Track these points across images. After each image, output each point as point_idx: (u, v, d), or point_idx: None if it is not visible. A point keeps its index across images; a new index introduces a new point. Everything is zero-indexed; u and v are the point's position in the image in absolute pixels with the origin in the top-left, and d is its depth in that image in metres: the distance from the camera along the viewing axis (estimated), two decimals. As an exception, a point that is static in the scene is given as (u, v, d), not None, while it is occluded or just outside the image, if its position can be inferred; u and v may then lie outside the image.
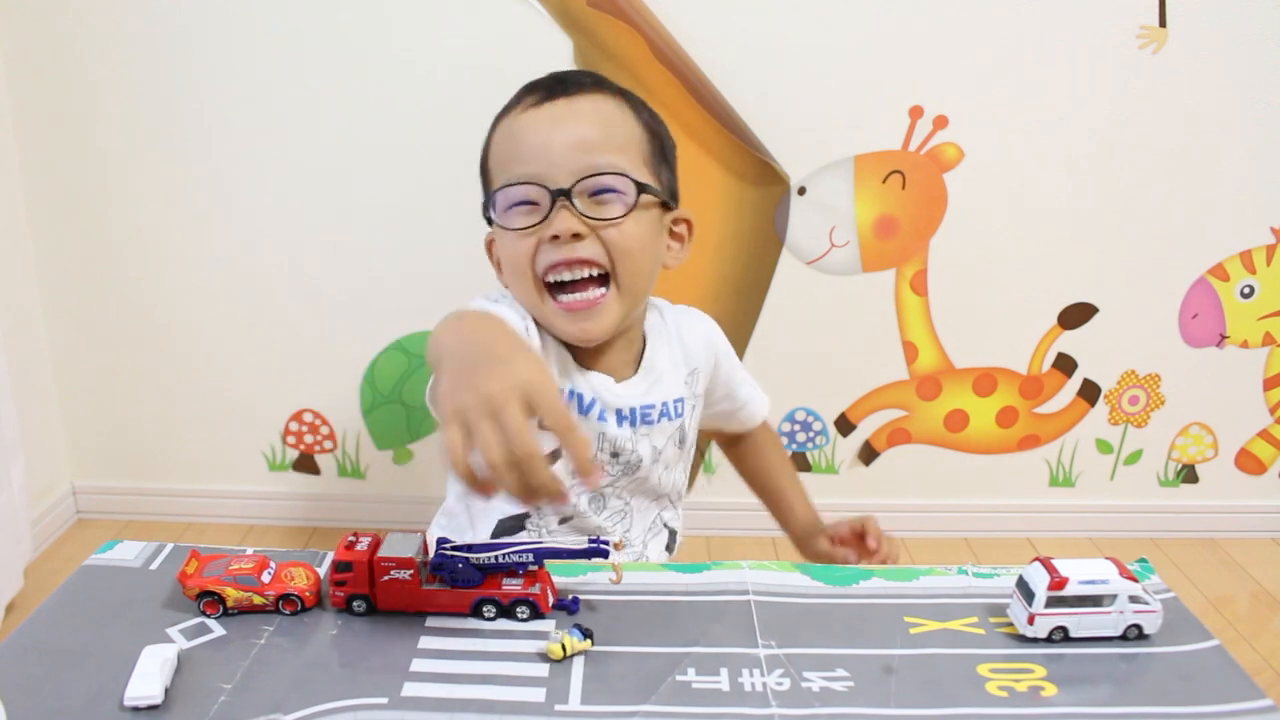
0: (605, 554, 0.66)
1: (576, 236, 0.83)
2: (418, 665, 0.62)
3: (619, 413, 0.91)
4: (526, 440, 0.58)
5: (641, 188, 0.85)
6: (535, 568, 0.68)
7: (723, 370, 1.04)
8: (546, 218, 0.83)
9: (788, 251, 1.85)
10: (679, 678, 0.61)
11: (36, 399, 1.90)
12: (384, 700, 0.58)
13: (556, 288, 0.86)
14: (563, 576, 0.72)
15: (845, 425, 1.99)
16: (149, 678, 0.57)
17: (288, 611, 0.66)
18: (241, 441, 1.99)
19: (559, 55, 1.68)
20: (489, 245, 0.94)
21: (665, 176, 0.91)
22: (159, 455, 2.01)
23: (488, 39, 1.69)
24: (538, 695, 0.59)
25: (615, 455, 0.92)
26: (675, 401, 0.95)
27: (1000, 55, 1.72)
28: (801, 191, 1.80)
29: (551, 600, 0.68)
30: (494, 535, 0.93)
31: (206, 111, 1.76)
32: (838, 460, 2.02)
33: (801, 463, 2.02)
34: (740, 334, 1.88)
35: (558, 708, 0.58)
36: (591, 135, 0.84)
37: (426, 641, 0.64)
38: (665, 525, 1.01)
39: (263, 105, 1.75)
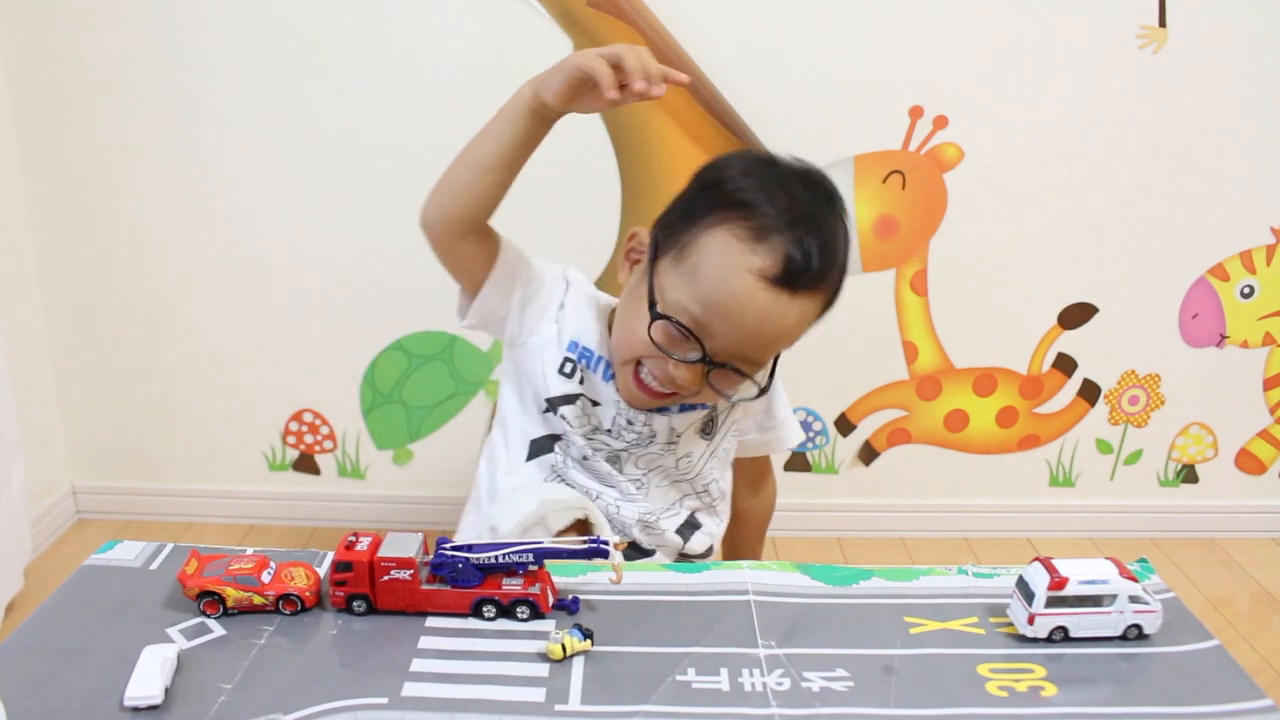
0: (605, 554, 0.66)
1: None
2: (418, 665, 0.62)
3: None
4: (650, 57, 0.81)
5: (762, 390, 0.92)
6: (535, 568, 0.68)
7: (777, 391, 1.07)
8: (681, 361, 0.86)
9: (788, 251, 1.85)
10: (679, 678, 0.61)
11: (36, 399, 1.90)
12: (384, 700, 0.58)
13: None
14: (563, 577, 0.72)
15: (845, 425, 1.99)
16: (149, 678, 0.57)
17: (288, 611, 0.66)
18: (241, 441, 1.99)
19: (559, 55, 1.68)
20: (633, 236, 0.95)
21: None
22: (159, 455, 2.01)
23: (488, 39, 1.69)
24: (538, 695, 0.59)
25: (630, 423, 0.95)
26: None
27: (1000, 55, 1.72)
28: (801, 191, 1.80)
29: (551, 600, 0.68)
30: (529, 457, 0.97)
31: (207, 112, 1.76)
32: (838, 460, 2.02)
33: (801, 463, 2.02)
34: (740, 334, 1.88)
35: (558, 708, 0.58)
36: (776, 338, 0.86)
37: (426, 641, 0.64)
38: (687, 509, 1.01)
39: (263, 105, 1.75)
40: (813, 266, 0.82)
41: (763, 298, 0.82)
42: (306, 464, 2.01)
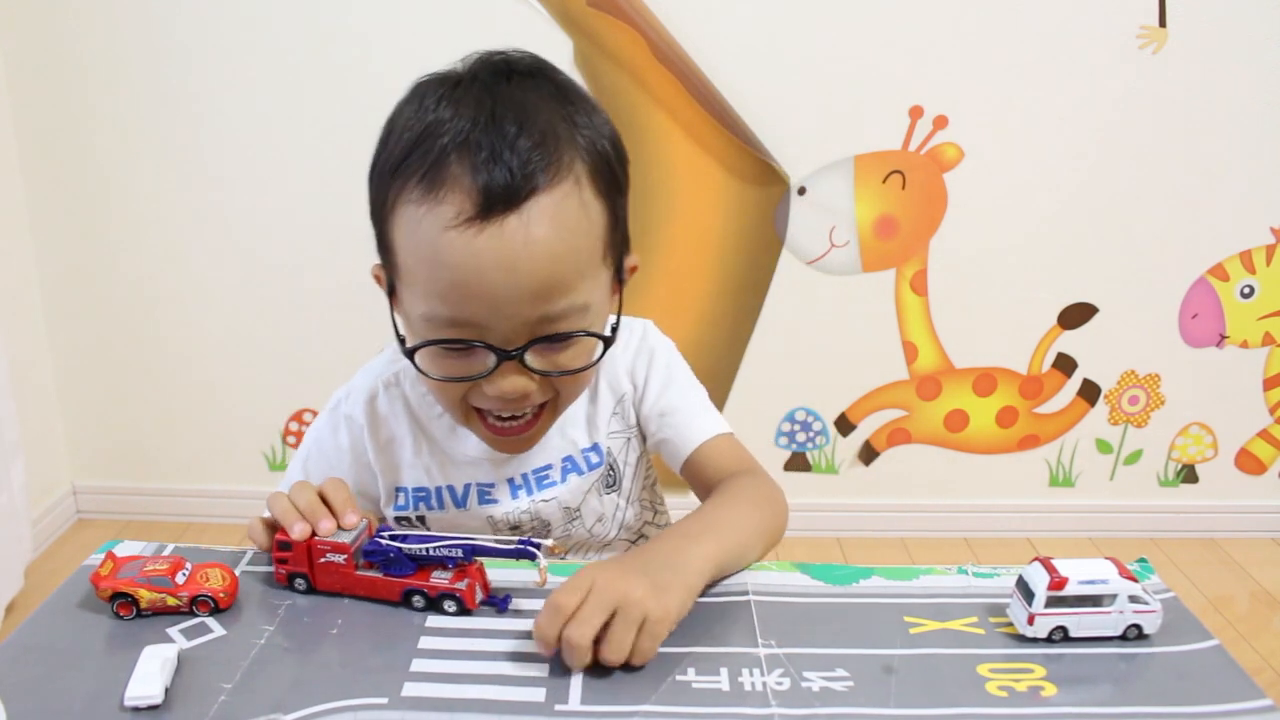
0: (533, 555, 0.65)
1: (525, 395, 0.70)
2: (418, 665, 0.61)
3: (511, 483, 0.83)
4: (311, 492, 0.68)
5: (608, 341, 0.71)
6: (466, 562, 0.68)
7: (652, 389, 0.85)
8: (489, 375, 0.68)
9: (788, 251, 1.85)
10: (679, 678, 0.61)
11: (36, 399, 1.90)
12: (384, 700, 0.58)
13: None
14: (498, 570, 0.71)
15: (845, 425, 1.99)
16: (149, 678, 0.57)
17: (202, 613, 0.66)
18: (241, 441, 1.99)
19: (559, 55, 1.68)
20: (377, 279, 0.76)
21: (620, 235, 0.72)
22: (159, 455, 2.01)
23: (488, 39, 1.68)
24: (538, 695, 0.59)
25: (515, 528, 0.83)
26: (587, 451, 0.83)
27: (1000, 55, 1.72)
28: (801, 191, 1.80)
29: (480, 597, 0.68)
30: None
31: (206, 112, 1.76)
32: (838, 460, 2.02)
33: (801, 463, 2.02)
34: (740, 334, 1.88)
35: (558, 708, 0.58)
36: (551, 274, 0.64)
37: (426, 641, 0.64)
38: None
39: (262, 105, 1.75)
40: (515, 163, 0.62)
41: (485, 244, 0.62)
42: (306, 464, 2.01)
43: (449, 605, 0.67)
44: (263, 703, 0.57)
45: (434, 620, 0.66)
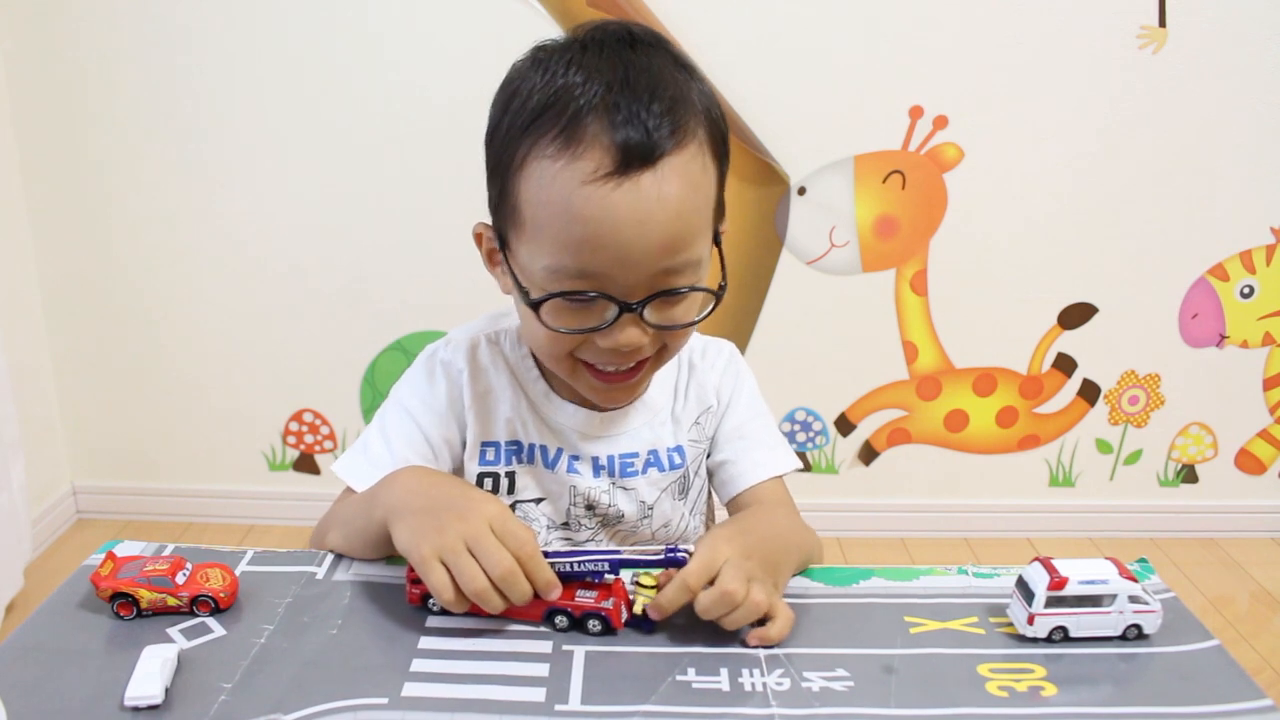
0: (682, 563, 0.64)
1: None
2: (418, 665, 0.61)
3: (595, 461, 0.84)
4: (506, 559, 0.62)
5: (718, 295, 0.73)
6: (611, 578, 0.66)
7: (736, 410, 0.90)
8: (605, 328, 0.70)
9: (788, 251, 1.85)
10: (679, 678, 0.61)
11: (36, 399, 1.90)
12: (384, 700, 0.58)
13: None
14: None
15: (845, 425, 1.99)
16: (149, 678, 0.57)
17: (202, 613, 0.66)
18: (241, 441, 1.99)
19: (559, 55, 1.68)
20: (478, 238, 0.78)
21: (721, 199, 0.75)
22: (159, 455, 2.01)
23: (487, 39, 1.69)
24: (538, 695, 0.59)
25: (590, 508, 0.85)
26: (671, 450, 0.86)
27: (1000, 55, 1.72)
28: (801, 191, 1.80)
29: (625, 616, 0.66)
30: None
31: (206, 112, 1.76)
32: (838, 460, 2.02)
33: (801, 462, 2.01)
34: (740, 334, 1.88)
35: (558, 708, 0.58)
36: (677, 230, 0.67)
37: (426, 642, 0.64)
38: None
39: (262, 105, 1.75)
40: (651, 124, 0.65)
41: (621, 199, 0.65)
42: (306, 464, 2.01)
43: (594, 625, 0.65)
44: (263, 703, 0.57)
45: (434, 620, 0.66)
